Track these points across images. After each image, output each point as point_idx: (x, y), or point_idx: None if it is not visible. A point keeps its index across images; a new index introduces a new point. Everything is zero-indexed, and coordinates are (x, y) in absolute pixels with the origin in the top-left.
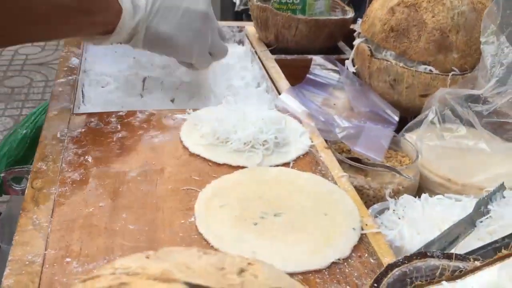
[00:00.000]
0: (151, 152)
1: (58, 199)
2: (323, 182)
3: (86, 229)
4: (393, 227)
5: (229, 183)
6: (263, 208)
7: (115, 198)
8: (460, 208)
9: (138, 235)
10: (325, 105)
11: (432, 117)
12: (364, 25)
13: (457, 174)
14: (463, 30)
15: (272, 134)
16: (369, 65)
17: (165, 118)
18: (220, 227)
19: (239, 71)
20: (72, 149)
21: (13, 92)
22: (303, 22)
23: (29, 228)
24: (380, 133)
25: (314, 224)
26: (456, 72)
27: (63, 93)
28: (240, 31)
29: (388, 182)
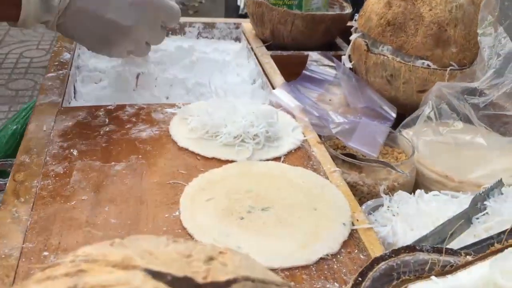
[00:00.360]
0: (138, 146)
1: (39, 192)
2: (314, 177)
3: (66, 222)
4: (387, 224)
5: (216, 176)
6: (251, 202)
7: (99, 191)
8: (456, 205)
9: (120, 228)
10: (321, 100)
11: (428, 112)
12: (360, 19)
13: (454, 170)
14: (461, 24)
15: (263, 128)
16: (366, 60)
17: (154, 112)
18: (205, 221)
19: (235, 68)
20: (58, 142)
21: (18, 95)
22: (299, 18)
23: (8, 222)
24: (376, 129)
25: (303, 219)
26: (455, 66)
27: (53, 87)
28: (237, 28)
29: (383, 179)
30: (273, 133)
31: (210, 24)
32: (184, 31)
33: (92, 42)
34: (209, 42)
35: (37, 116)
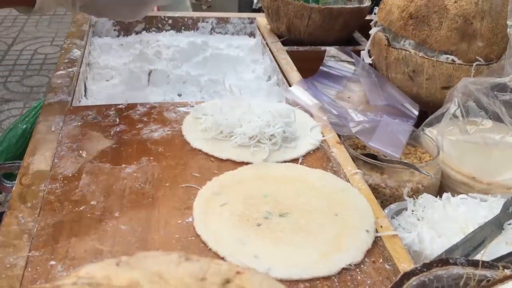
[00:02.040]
0: (150, 147)
1: (47, 197)
2: (335, 180)
3: (74, 229)
4: (412, 229)
5: (231, 180)
6: (268, 208)
7: (108, 196)
8: (486, 209)
9: (130, 236)
10: (339, 98)
11: (454, 110)
12: (381, 13)
13: (482, 172)
14: (488, 17)
15: (280, 128)
16: (386, 55)
17: (167, 111)
18: (220, 228)
19: (249, 64)
20: (67, 143)
21: (32, 91)
22: (316, 11)
23: (14, 228)
24: (398, 128)
25: (323, 225)
26: (481, 61)
27: (62, 86)
28: (251, 23)
29: (406, 180)
30: (290, 133)
31: (224, 19)
32: (197, 27)
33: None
34: (223, 37)
35: (45, 115)
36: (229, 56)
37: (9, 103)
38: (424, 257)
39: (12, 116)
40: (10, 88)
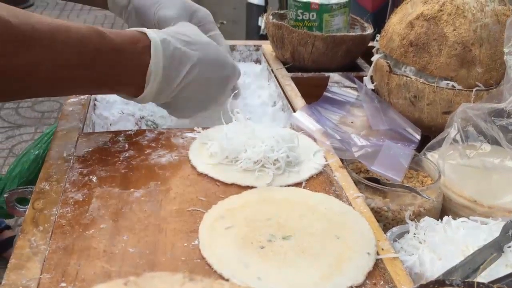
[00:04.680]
0: (157, 171)
1: (58, 221)
2: (337, 203)
3: (84, 252)
4: (413, 252)
5: (236, 204)
6: (271, 231)
7: (117, 219)
8: (486, 232)
9: (138, 258)
10: (342, 123)
11: (454, 134)
12: (382, 40)
13: (483, 195)
14: (486, 44)
15: (284, 152)
16: (388, 81)
17: (174, 137)
18: (224, 251)
19: (255, 90)
20: (78, 169)
21: (43, 117)
22: (319, 39)
23: (26, 251)
24: (400, 152)
25: (325, 248)
26: (481, 87)
27: (73, 113)
28: (257, 50)
29: (408, 204)
30: (294, 157)
31: (231, 46)
32: None
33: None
34: None
35: (57, 142)
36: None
37: (21, 128)
38: (425, 280)
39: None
40: (22, 114)
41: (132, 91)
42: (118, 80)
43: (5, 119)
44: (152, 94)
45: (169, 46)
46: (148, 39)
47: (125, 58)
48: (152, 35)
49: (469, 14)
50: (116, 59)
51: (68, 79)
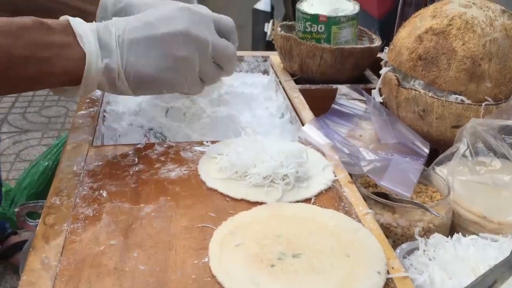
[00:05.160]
0: (167, 186)
1: (69, 237)
2: (346, 220)
3: (95, 269)
4: (423, 270)
5: (246, 220)
6: (281, 248)
7: (127, 235)
8: (496, 250)
9: (148, 276)
10: (351, 136)
11: (463, 150)
12: (390, 53)
13: (492, 211)
14: (496, 58)
15: (293, 168)
16: (397, 94)
17: (183, 150)
18: (235, 269)
19: (263, 101)
20: (88, 183)
21: (50, 122)
22: (327, 51)
23: (38, 268)
24: (409, 167)
25: (335, 266)
26: (490, 102)
27: (83, 125)
28: (264, 61)
29: (417, 220)
30: (303, 173)
31: (238, 57)
32: None
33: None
34: (237, 75)
35: (67, 155)
36: (243, 93)
37: (28, 133)
38: None
39: (31, 146)
40: (29, 119)
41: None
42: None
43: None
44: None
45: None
46: None
47: (52, 29)
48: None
49: (478, 29)
50: (44, 30)
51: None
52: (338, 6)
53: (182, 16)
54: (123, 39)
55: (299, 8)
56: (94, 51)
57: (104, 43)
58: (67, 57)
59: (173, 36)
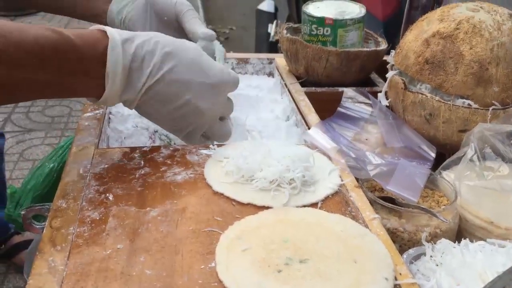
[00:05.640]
0: (173, 190)
1: (75, 240)
2: (353, 225)
3: (102, 273)
4: (430, 275)
5: (252, 224)
6: (288, 253)
7: (134, 239)
8: (504, 256)
9: (155, 281)
10: (357, 140)
11: (471, 155)
12: (397, 57)
13: (500, 217)
14: (503, 62)
15: (300, 172)
16: (403, 98)
17: (189, 153)
18: (242, 274)
19: (268, 104)
20: (94, 186)
21: (53, 121)
22: (333, 54)
23: (44, 271)
24: (415, 171)
25: (343, 272)
26: (497, 106)
27: (89, 128)
28: (270, 63)
29: (424, 225)
30: (310, 177)
31: (244, 59)
32: None
33: (166, 122)
34: (242, 77)
35: (73, 157)
36: (249, 96)
37: (31, 133)
38: None
39: (34, 146)
40: (32, 118)
41: (94, 92)
42: (77, 81)
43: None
44: (114, 95)
45: (131, 45)
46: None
47: (83, 57)
48: (112, 32)
49: (485, 33)
50: (74, 57)
51: (25, 81)
52: (344, 9)
53: (211, 94)
54: (150, 87)
55: (305, 10)
56: (115, 92)
57: (130, 84)
58: (88, 85)
59: (194, 109)
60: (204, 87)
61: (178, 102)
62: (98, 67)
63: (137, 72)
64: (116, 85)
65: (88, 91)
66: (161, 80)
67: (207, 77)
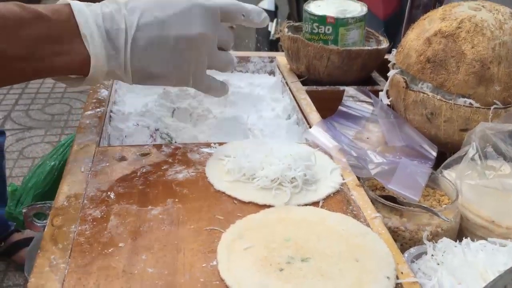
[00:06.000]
0: (175, 188)
1: (77, 238)
2: (355, 224)
3: (103, 271)
4: (431, 274)
5: (254, 223)
6: (290, 252)
7: (136, 238)
8: (505, 255)
9: (157, 279)
10: (358, 139)
11: (472, 154)
12: (398, 56)
13: (501, 216)
14: (505, 61)
15: (301, 171)
16: (405, 97)
17: (190, 152)
18: (243, 273)
19: (269, 102)
20: (95, 184)
21: (53, 119)
22: (335, 53)
23: (46, 270)
24: (417, 170)
25: (344, 271)
26: (499, 105)
27: (90, 126)
28: (271, 62)
29: (425, 224)
30: (311, 176)
31: (245, 58)
32: None
33: (169, 74)
34: (243, 76)
35: (75, 156)
36: (250, 94)
37: (31, 131)
38: None
39: (34, 143)
40: (32, 116)
41: (77, 65)
42: (55, 50)
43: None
44: (100, 62)
45: (95, 6)
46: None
47: (52, 23)
48: (74, 1)
49: (487, 32)
50: (42, 25)
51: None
52: (345, 8)
53: (196, 17)
54: (133, 39)
55: (307, 9)
56: (99, 54)
57: (112, 44)
58: (69, 55)
59: (186, 40)
60: (182, 15)
61: (167, 42)
62: (71, 32)
63: (113, 29)
64: (98, 47)
65: (71, 63)
66: (139, 29)
67: (177, 4)
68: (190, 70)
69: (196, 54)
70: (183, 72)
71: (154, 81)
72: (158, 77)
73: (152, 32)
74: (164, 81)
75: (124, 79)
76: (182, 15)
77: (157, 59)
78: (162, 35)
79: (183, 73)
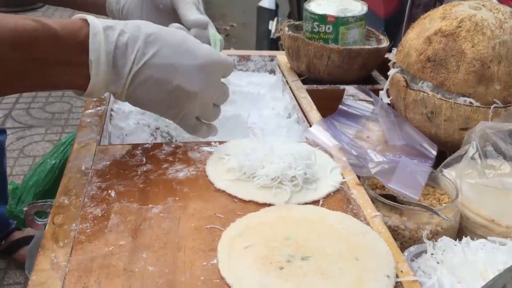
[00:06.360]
0: (175, 187)
1: (78, 236)
2: (355, 223)
3: (104, 269)
4: (431, 273)
5: (254, 222)
6: (290, 251)
7: (136, 236)
8: (505, 254)
9: (157, 277)
10: (358, 137)
11: (472, 153)
12: (399, 55)
13: (501, 215)
14: (505, 61)
15: (301, 170)
16: (405, 96)
17: (191, 150)
18: (243, 271)
19: (270, 101)
20: (96, 183)
21: (54, 118)
22: (335, 52)
23: (47, 268)
24: (417, 169)
25: (344, 270)
26: (499, 104)
27: (91, 124)
28: (271, 60)
29: (425, 223)
30: (311, 174)
31: (245, 56)
32: None
33: (160, 109)
34: (244, 74)
35: (75, 154)
36: (250, 93)
37: (32, 129)
38: None
39: (34, 142)
40: (33, 114)
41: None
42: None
43: (16, 119)
44: (100, 85)
45: (113, 32)
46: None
47: (64, 46)
48: (93, 20)
49: (487, 31)
50: (54, 45)
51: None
52: (346, 6)
53: (205, 74)
54: (137, 72)
55: (307, 8)
56: (101, 78)
57: (116, 71)
58: (73, 76)
59: (186, 92)
60: (192, 68)
61: (167, 87)
62: (80, 55)
63: (122, 59)
64: (101, 73)
65: (72, 82)
66: (147, 65)
67: (194, 58)
68: (180, 113)
69: (190, 105)
70: (173, 112)
71: (145, 109)
72: (149, 108)
73: (157, 73)
74: (154, 112)
75: (119, 99)
76: (194, 69)
77: (152, 95)
78: (165, 79)
79: (173, 114)
